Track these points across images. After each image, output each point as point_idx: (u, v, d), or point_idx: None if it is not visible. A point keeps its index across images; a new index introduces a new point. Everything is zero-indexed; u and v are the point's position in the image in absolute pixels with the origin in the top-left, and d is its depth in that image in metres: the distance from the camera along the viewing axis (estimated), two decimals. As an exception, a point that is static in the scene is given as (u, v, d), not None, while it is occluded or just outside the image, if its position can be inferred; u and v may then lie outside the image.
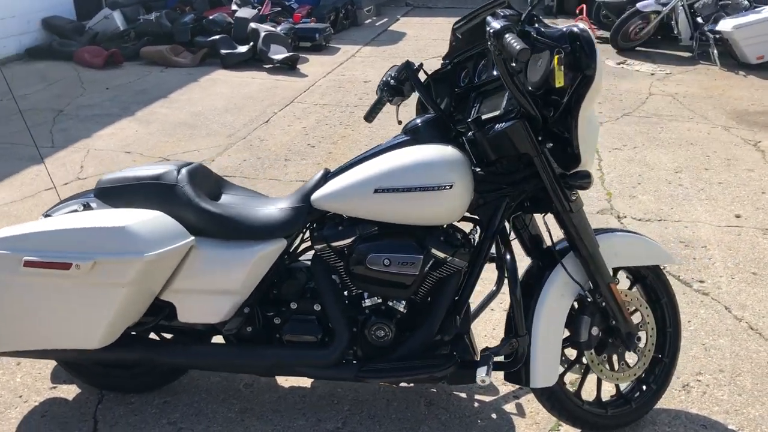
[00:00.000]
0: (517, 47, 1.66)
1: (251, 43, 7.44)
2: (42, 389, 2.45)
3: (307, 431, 2.26)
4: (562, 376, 2.19)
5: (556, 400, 2.14)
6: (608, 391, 2.29)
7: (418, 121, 2.14)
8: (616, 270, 2.17)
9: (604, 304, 2.12)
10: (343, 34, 9.42)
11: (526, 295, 2.08)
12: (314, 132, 5.32)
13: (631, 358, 2.22)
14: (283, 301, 2.22)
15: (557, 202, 2.01)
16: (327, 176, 2.14)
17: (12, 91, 4.13)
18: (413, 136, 2.12)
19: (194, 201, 2.12)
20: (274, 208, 2.17)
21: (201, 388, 2.46)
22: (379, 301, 2.15)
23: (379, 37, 9.28)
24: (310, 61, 7.76)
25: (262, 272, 2.13)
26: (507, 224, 2.16)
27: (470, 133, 2.07)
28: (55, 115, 5.76)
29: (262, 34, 7.39)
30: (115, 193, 2.17)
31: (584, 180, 1.97)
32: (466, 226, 2.17)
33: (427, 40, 8.91)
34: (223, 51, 7.38)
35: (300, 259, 2.27)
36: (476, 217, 2.16)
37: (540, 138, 1.96)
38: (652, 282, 2.30)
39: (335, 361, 2.12)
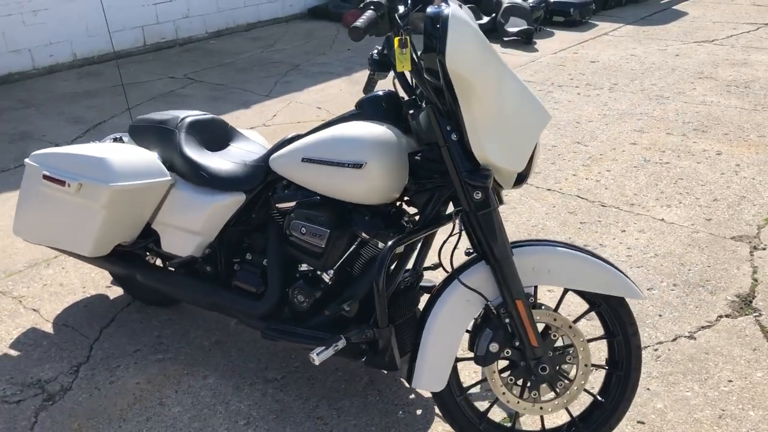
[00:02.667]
0: (352, 25, 1.58)
1: (493, 15, 7.41)
2: (100, 285, 2.99)
3: (252, 373, 2.44)
4: (466, 388, 2.04)
5: (448, 409, 2.00)
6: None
7: (367, 97, 2.11)
8: (572, 291, 1.93)
9: (507, 320, 1.90)
10: (615, 10, 8.79)
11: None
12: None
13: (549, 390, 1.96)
14: (245, 251, 2.41)
15: (461, 199, 1.85)
16: (291, 140, 2.23)
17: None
18: (361, 110, 2.10)
19: (180, 146, 2.40)
20: (243, 163, 2.34)
21: (198, 317, 2.77)
22: (311, 268, 2.21)
23: (653, 16, 8.46)
24: (556, 36, 7.46)
25: (222, 220, 2.33)
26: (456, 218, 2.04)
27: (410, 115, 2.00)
28: (289, 69, 6.51)
29: (504, 5, 7.31)
30: (137, 132, 2.55)
31: (480, 179, 1.78)
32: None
33: (705, 22, 7.89)
34: (465, 21, 7.48)
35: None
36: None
37: (449, 128, 1.81)
38: (605, 313, 1.97)
39: (261, 315, 2.25)
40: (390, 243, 1.92)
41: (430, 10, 1.65)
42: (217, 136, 2.53)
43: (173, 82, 6.13)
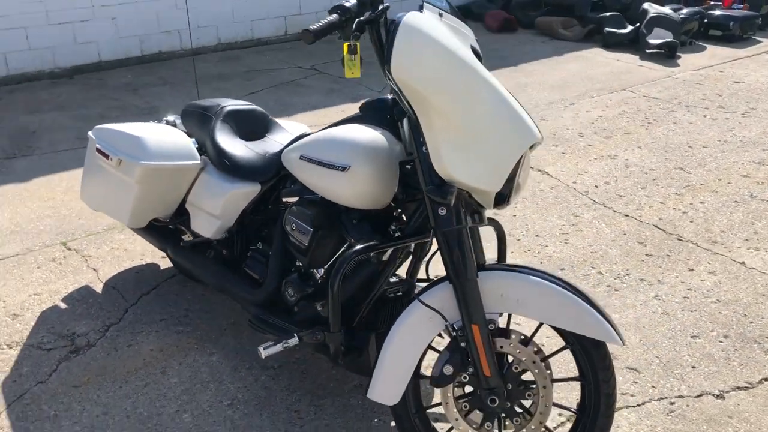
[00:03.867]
0: (304, 28, 1.57)
1: (637, 24, 6.97)
2: (157, 255, 3.22)
3: (252, 358, 2.53)
4: (426, 407, 1.98)
5: (402, 425, 1.96)
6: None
7: (371, 101, 2.10)
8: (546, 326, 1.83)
9: (463, 344, 1.81)
10: (790, 27, 7.94)
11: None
12: (603, 123, 4.92)
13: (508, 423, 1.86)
14: (259, 239, 2.49)
15: (429, 214, 1.80)
16: (301, 136, 2.28)
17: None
18: (362, 114, 2.10)
19: (213, 132, 2.53)
20: (263, 155, 2.42)
21: (226, 298, 2.89)
22: (306, 264, 2.25)
23: (833, 35, 7.54)
24: (706, 51, 6.87)
25: (238, 207, 2.43)
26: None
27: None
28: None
29: (650, 15, 6.85)
30: (185, 116, 2.72)
31: (442, 195, 1.72)
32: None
33: None
34: (607, 29, 7.11)
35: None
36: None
37: (421, 139, 1.77)
38: (578, 354, 1.83)
39: (256, 302, 2.32)
40: (355, 249, 1.91)
41: (391, 17, 1.62)
42: (255, 126, 2.63)
43: (299, 72, 6.39)
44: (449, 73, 1.64)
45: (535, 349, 1.85)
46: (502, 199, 1.80)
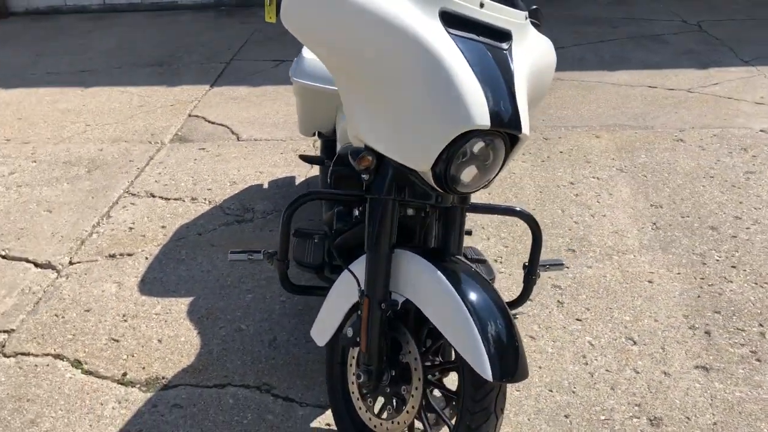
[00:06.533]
0: None
1: None
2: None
3: (270, 317, 2.73)
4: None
5: (328, 365, 1.99)
6: None
7: None
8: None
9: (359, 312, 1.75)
10: None
11: None
12: None
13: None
14: None
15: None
16: None
17: None
18: None
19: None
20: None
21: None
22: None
23: None
24: None
25: None
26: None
27: None
28: None
29: None
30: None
31: (353, 155, 1.66)
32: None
33: None
34: None
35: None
36: None
37: None
38: (460, 373, 1.62)
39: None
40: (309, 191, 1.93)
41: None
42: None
43: (676, 26, 5.73)
44: (352, 32, 1.50)
45: (424, 348, 1.69)
46: (447, 182, 1.62)
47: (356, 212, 2.26)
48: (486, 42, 1.55)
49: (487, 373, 1.47)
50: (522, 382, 2.12)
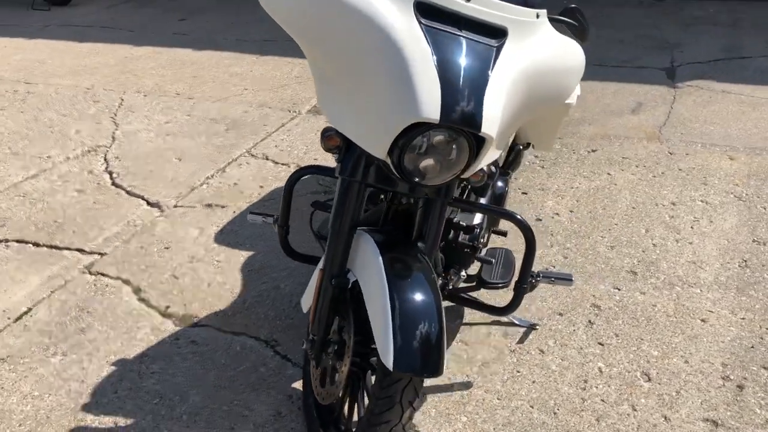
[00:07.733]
0: None
1: None
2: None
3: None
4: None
5: (306, 335, 2.10)
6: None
7: None
8: None
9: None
10: None
11: None
12: None
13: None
14: None
15: None
16: None
17: None
18: None
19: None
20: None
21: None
22: None
23: None
24: None
25: None
26: None
27: None
28: None
29: None
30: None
31: (324, 133, 1.74)
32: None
33: None
34: None
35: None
36: None
37: None
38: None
39: None
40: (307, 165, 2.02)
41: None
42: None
43: None
44: (320, 16, 1.56)
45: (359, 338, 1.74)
46: (407, 173, 1.65)
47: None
48: (468, 37, 1.54)
49: (389, 363, 1.51)
50: (506, 393, 2.08)
